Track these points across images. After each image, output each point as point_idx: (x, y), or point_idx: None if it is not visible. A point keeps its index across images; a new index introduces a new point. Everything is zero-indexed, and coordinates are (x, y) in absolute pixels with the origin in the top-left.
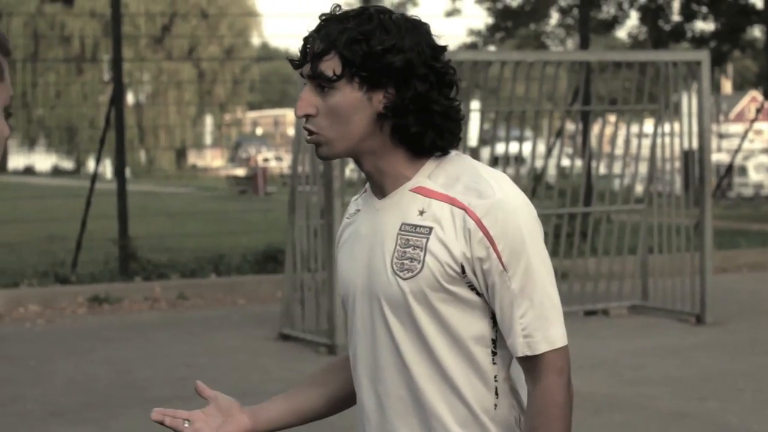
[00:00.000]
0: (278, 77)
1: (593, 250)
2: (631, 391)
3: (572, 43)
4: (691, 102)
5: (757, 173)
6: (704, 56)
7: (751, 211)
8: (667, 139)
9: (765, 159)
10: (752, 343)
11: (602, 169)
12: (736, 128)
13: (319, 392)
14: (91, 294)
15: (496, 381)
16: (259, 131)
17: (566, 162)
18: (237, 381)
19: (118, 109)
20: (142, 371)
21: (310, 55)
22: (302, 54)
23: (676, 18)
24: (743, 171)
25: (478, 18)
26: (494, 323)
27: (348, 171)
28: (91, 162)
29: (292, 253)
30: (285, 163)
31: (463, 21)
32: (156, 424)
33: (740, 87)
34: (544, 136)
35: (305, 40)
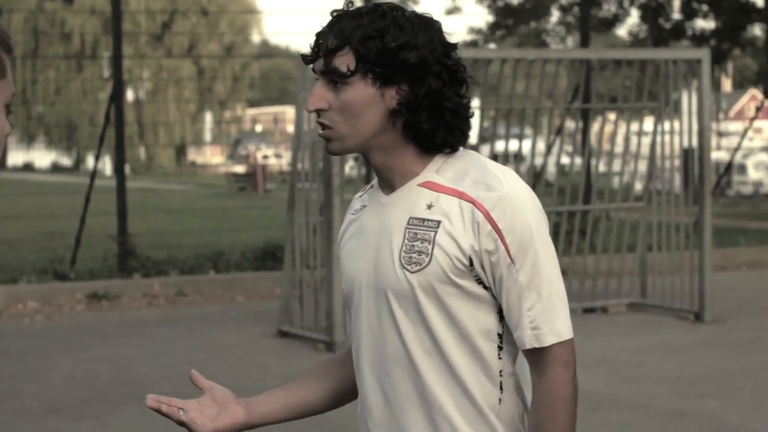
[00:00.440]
0: (278, 74)
1: (592, 248)
2: (630, 389)
3: (573, 41)
4: (691, 100)
5: (757, 171)
6: (704, 54)
7: (750, 209)
8: (667, 137)
9: (764, 157)
10: (751, 341)
11: (602, 167)
12: (736, 126)
13: (317, 387)
14: (90, 290)
15: (501, 376)
16: (259, 128)
17: (566, 160)
18: (235, 378)
19: (118, 106)
20: (141, 368)
21: (324, 51)
22: (314, 49)
23: (677, 16)
24: (743, 169)
25: (479, 16)
26: (500, 318)
27: (347, 168)
28: (91, 159)
29: (291, 250)
30: (284, 160)
31: (464, 19)
32: (155, 421)
33: (740, 85)
34: (544, 134)
35: (317, 36)
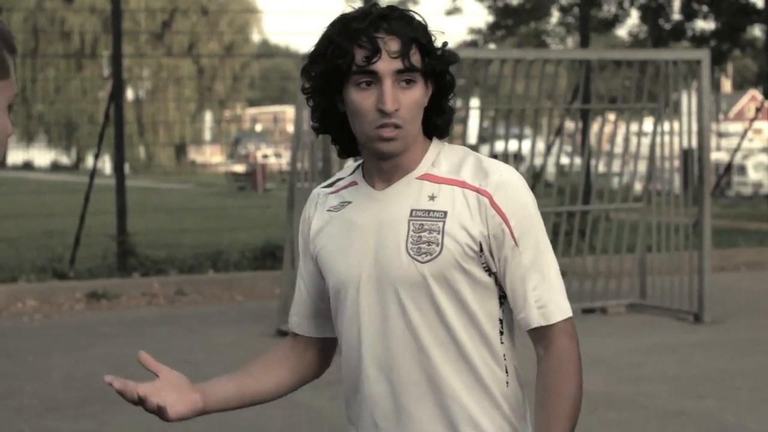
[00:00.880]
0: (278, 74)
1: (592, 248)
2: (629, 389)
3: (572, 42)
4: (691, 101)
5: (756, 172)
6: (704, 55)
7: (750, 210)
8: (667, 138)
9: (764, 158)
10: (750, 342)
11: (601, 168)
12: (736, 127)
13: (267, 378)
14: (89, 289)
15: (505, 360)
16: (259, 128)
17: (565, 160)
18: None
19: (118, 105)
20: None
21: (399, 52)
22: (373, 50)
23: (677, 17)
24: (742, 170)
25: (479, 16)
26: (500, 303)
27: None
28: (90, 158)
29: (291, 250)
30: (284, 160)
31: (464, 19)
32: (153, 421)
33: (740, 86)
34: (544, 134)
35: (371, 37)
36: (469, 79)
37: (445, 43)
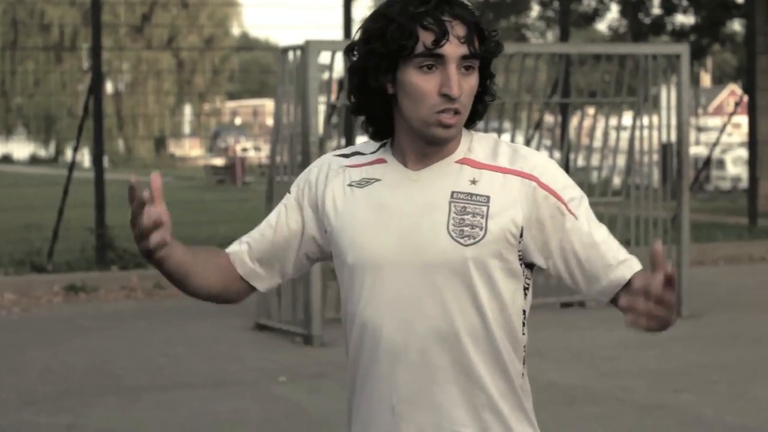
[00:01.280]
0: (257, 67)
1: None
2: (607, 383)
3: (552, 36)
4: (670, 95)
5: (735, 166)
6: (684, 49)
7: (729, 205)
8: (646, 132)
9: (743, 152)
10: (728, 336)
11: (580, 162)
12: (715, 121)
13: (207, 274)
14: (68, 283)
15: (524, 351)
16: (238, 121)
17: (545, 154)
18: (213, 371)
19: (97, 98)
20: (119, 360)
21: (465, 37)
22: (441, 32)
23: (657, 11)
24: (721, 164)
25: None
26: (524, 294)
27: None
28: (69, 150)
29: None
30: (263, 153)
31: None
32: (131, 413)
33: (719, 80)
34: (523, 128)
35: (437, 18)
36: None
37: (496, 32)
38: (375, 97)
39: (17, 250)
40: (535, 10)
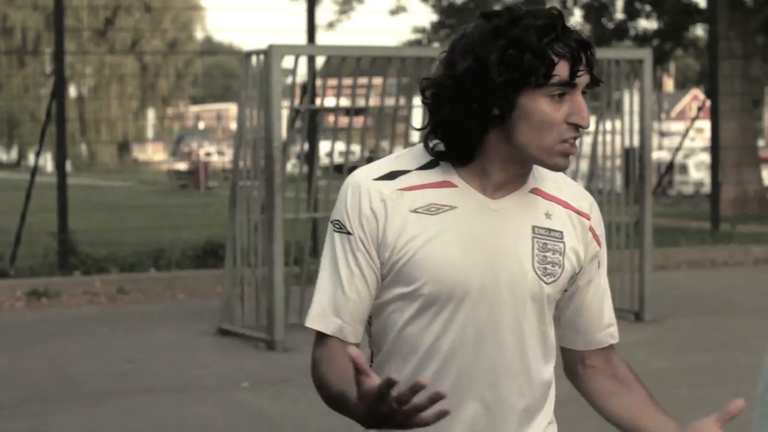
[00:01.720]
0: (221, 71)
1: None
2: (568, 387)
3: None
4: (633, 100)
5: (698, 171)
6: (646, 54)
7: (691, 209)
8: (609, 137)
9: (706, 157)
10: (690, 341)
11: None
12: (678, 126)
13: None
14: (30, 288)
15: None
16: (202, 125)
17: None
18: (176, 376)
19: (60, 102)
20: (81, 366)
21: (589, 65)
22: (575, 61)
23: (620, 16)
24: (684, 169)
25: (423, 15)
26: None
27: (289, 166)
28: (32, 155)
29: (233, 248)
30: (227, 158)
31: (408, 18)
32: (93, 419)
33: (682, 85)
34: None
35: (586, 48)
36: (413, 78)
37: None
38: (472, 119)
39: None
40: None
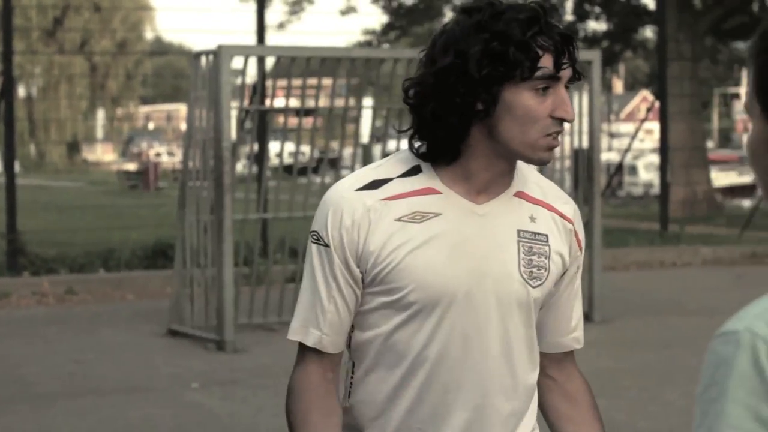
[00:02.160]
0: (171, 72)
1: None
2: None
3: None
4: (582, 101)
5: (647, 172)
6: (595, 56)
7: (641, 210)
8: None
9: (655, 158)
10: (639, 341)
11: None
12: (627, 128)
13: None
14: None
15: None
16: (152, 126)
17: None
18: (125, 377)
19: (8, 103)
20: (30, 367)
21: (573, 58)
22: (559, 54)
23: (569, 18)
24: (633, 170)
25: (373, 16)
26: None
27: (239, 167)
28: None
29: (182, 249)
30: (177, 158)
31: (358, 19)
32: (42, 419)
33: (631, 87)
34: None
35: (555, 40)
36: (363, 79)
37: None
38: (455, 115)
39: None
40: (449, 17)
